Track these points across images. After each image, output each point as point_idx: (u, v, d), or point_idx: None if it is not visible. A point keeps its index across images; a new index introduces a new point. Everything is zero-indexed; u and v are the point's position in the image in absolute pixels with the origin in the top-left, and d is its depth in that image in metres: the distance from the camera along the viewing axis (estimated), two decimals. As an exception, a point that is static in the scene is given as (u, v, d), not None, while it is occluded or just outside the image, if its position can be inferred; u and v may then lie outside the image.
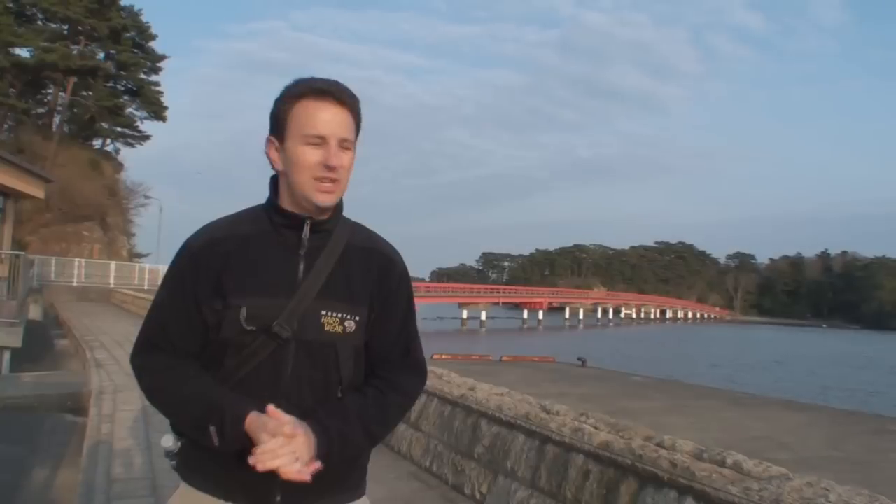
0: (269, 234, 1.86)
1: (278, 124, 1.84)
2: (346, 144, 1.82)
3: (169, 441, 1.89)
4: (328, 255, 1.86)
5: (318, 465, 1.69)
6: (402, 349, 1.99)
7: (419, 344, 2.04)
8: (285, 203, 1.87)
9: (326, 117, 1.80)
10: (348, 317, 1.85)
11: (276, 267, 1.82)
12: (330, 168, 1.79)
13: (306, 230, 1.84)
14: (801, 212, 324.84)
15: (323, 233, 1.88)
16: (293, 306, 1.78)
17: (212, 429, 1.72)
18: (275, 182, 1.89)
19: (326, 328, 1.82)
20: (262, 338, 1.77)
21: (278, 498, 1.79)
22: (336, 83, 1.84)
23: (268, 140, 1.87)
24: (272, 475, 1.67)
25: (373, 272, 1.93)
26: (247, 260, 1.82)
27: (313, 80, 1.84)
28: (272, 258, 1.83)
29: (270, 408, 1.69)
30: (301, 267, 1.83)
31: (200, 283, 1.81)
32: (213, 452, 1.76)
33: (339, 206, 1.92)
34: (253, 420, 1.69)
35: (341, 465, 1.85)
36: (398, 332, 1.98)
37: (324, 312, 1.82)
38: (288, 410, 1.74)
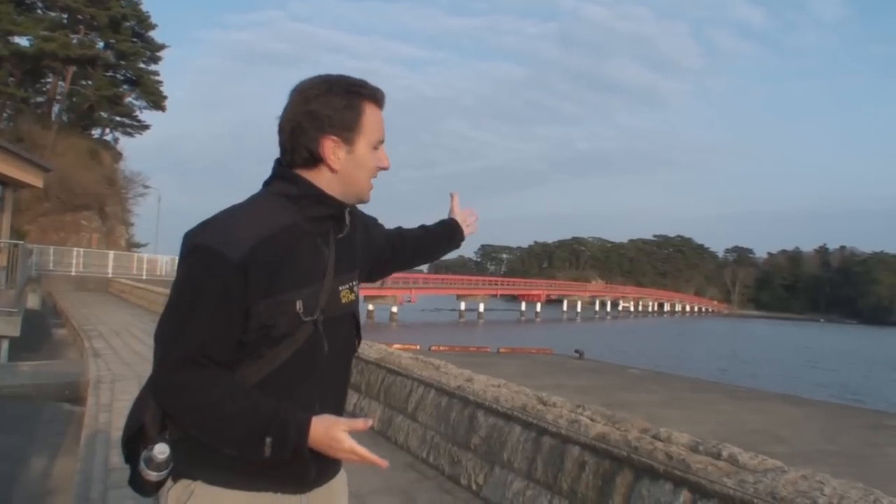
0: (302, 225, 1.86)
1: (345, 126, 1.86)
2: None
3: (165, 451, 1.79)
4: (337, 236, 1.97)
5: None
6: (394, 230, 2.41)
7: None
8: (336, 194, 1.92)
9: (382, 122, 1.94)
10: (354, 283, 1.98)
11: (316, 255, 1.87)
12: (384, 169, 1.96)
13: (347, 218, 1.96)
14: (800, 207, 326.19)
15: None
16: (327, 287, 1.87)
17: (268, 440, 1.70)
18: (283, 167, 1.90)
19: (343, 300, 1.93)
20: (307, 324, 1.81)
21: (314, 473, 1.85)
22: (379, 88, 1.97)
23: (327, 139, 1.85)
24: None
25: (359, 234, 2.07)
26: (292, 255, 1.81)
27: (368, 84, 1.92)
28: (307, 247, 1.86)
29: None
30: (328, 252, 1.90)
31: (251, 292, 1.74)
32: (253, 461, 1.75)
33: None
34: (325, 428, 1.73)
35: None
36: (388, 232, 2.36)
37: (340, 287, 1.92)
38: (321, 385, 1.87)
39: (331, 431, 1.72)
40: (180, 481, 1.83)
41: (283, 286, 1.78)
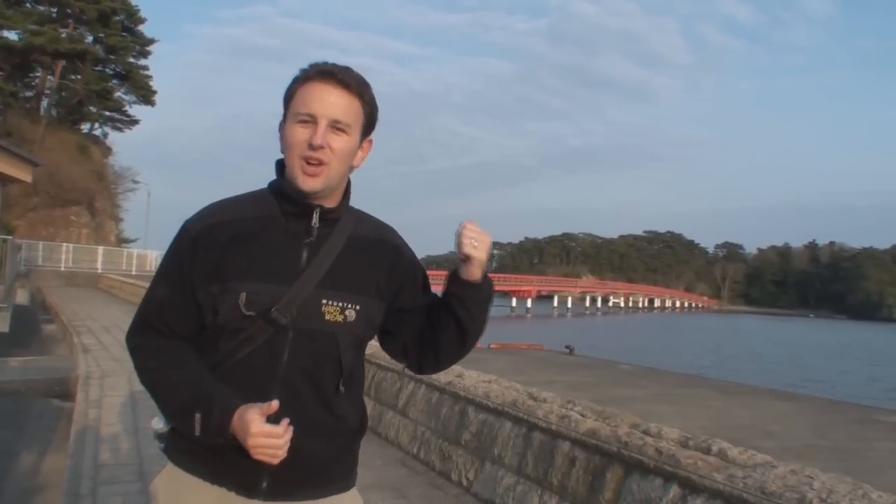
0: (274, 220, 1.84)
1: (284, 106, 1.84)
2: (339, 126, 1.78)
3: (159, 423, 1.89)
4: (333, 244, 1.85)
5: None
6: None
7: None
8: (291, 190, 1.84)
9: (321, 96, 1.78)
10: (349, 305, 1.84)
11: (279, 253, 1.81)
12: (313, 147, 1.76)
13: (315, 219, 1.83)
14: (790, 202, 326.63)
15: (329, 221, 1.86)
16: (293, 293, 1.77)
17: (197, 416, 1.72)
18: (282, 167, 1.86)
19: (327, 317, 1.82)
20: (259, 323, 1.76)
21: (264, 484, 1.80)
22: (345, 67, 1.82)
23: (279, 124, 1.86)
24: (261, 461, 1.70)
25: (382, 263, 1.93)
26: (249, 245, 1.80)
27: (323, 63, 1.82)
28: (276, 244, 1.82)
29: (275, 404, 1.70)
30: (304, 255, 1.82)
31: (198, 266, 1.80)
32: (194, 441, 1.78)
33: (346, 195, 1.91)
34: (241, 412, 1.69)
35: (331, 454, 1.88)
36: (428, 300, 2.03)
37: (324, 301, 1.81)
38: (284, 396, 1.75)
39: (244, 414, 1.68)
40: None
41: (230, 274, 1.78)
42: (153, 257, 46.04)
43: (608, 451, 4.31)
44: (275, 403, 1.69)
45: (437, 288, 2.02)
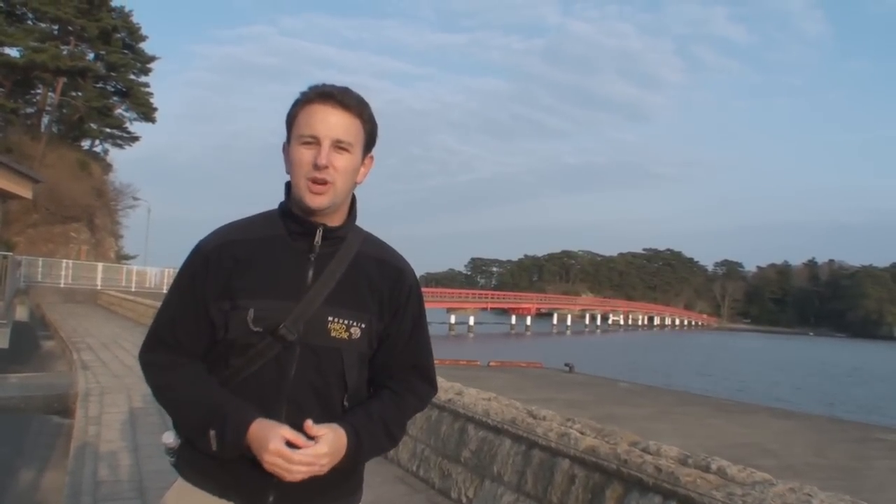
0: (282, 239, 1.89)
1: (287, 128, 1.90)
2: (341, 146, 1.83)
3: (170, 437, 1.92)
4: (338, 262, 1.89)
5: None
6: (410, 362, 2.03)
7: (429, 356, 2.10)
8: (296, 209, 1.89)
9: (322, 118, 1.83)
10: (354, 323, 1.88)
11: (286, 271, 1.85)
12: (318, 167, 1.80)
13: (318, 237, 1.87)
14: (789, 220, 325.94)
15: (334, 240, 1.90)
16: (300, 310, 1.81)
17: (212, 433, 1.75)
18: (290, 188, 1.91)
19: (333, 333, 1.85)
20: (268, 339, 1.80)
21: (271, 498, 1.82)
22: (343, 89, 1.87)
23: (284, 146, 1.91)
24: (268, 475, 1.74)
25: (384, 284, 1.96)
26: (258, 263, 1.85)
27: (322, 85, 1.88)
28: (283, 262, 1.86)
29: (308, 423, 1.74)
30: (310, 272, 1.86)
31: (210, 284, 1.84)
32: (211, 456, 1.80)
33: (352, 214, 1.96)
34: (260, 425, 1.73)
35: (338, 469, 1.88)
36: (405, 344, 2.01)
37: (331, 318, 1.85)
38: (290, 412, 1.79)
39: (263, 428, 1.72)
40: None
41: (239, 292, 1.82)
42: (153, 274, 46.16)
43: (607, 469, 4.31)
44: (304, 439, 1.72)
45: (436, 305, 2.05)
